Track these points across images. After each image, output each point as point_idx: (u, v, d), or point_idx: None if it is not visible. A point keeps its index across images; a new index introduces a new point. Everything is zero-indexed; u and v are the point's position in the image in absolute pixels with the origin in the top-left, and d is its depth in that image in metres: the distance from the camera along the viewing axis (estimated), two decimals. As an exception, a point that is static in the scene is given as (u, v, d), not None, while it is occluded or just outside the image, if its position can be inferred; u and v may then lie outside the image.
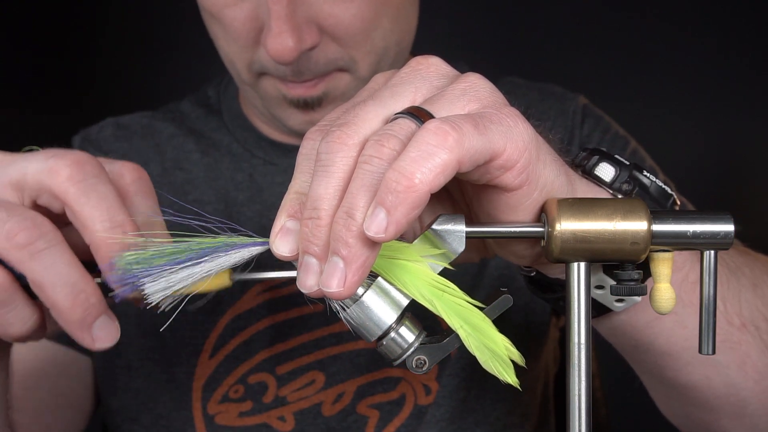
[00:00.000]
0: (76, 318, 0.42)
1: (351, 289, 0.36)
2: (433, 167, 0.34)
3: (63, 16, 1.81)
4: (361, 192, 0.36)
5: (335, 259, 0.36)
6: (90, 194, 0.42)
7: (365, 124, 0.38)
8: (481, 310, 0.41)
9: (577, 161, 0.49)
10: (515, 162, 0.38)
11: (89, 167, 0.43)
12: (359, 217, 0.35)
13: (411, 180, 0.34)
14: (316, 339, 0.76)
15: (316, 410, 0.75)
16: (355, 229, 0.35)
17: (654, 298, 0.43)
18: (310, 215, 0.37)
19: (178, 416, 0.76)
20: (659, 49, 1.74)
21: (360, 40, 0.68)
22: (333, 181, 0.37)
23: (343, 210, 0.36)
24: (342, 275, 0.36)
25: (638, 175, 0.48)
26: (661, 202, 0.49)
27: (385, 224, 0.34)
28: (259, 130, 0.83)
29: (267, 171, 0.81)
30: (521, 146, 0.38)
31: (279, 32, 0.63)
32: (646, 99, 1.72)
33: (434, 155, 0.35)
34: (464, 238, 0.39)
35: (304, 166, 0.40)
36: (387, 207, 0.34)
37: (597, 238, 0.39)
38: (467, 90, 0.39)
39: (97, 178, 0.43)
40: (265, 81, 0.72)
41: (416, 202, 0.34)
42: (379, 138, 0.36)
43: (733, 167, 1.78)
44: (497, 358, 0.40)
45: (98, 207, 0.42)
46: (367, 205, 0.35)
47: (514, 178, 0.39)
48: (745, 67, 1.71)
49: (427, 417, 0.75)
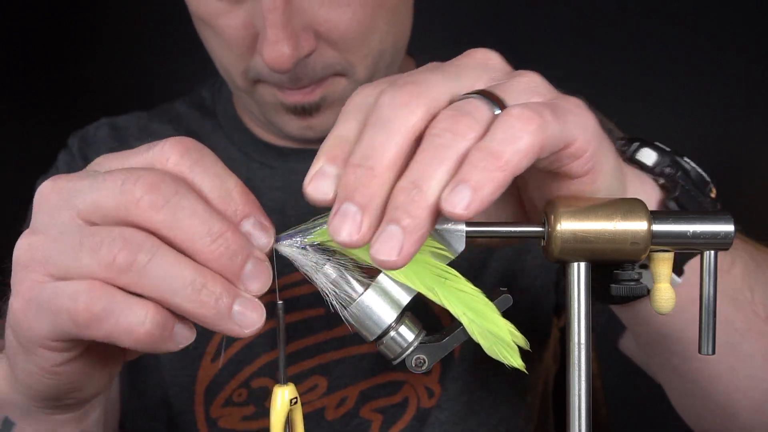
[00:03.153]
0: (210, 313, 0.38)
1: (406, 259, 0.35)
2: (519, 150, 0.35)
3: (57, 19, 1.81)
4: (433, 164, 0.35)
5: (393, 227, 0.35)
6: (178, 215, 0.37)
7: (433, 89, 0.37)
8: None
9: (617, 148, 0.49)
10: (585, 151, 0.39)
11: (165, 186, 0.38)
12: (427, 190, 0.35)
13: (499, 160, 0.34)
14: (318, 343, 0.76)
15: (320, 415, 0.75)
16: (420, 200, 0.34)
17: (654, 298, 0.43)
18: (361, 163, 0.35)
19: (180, 420, 0.76)
20: (659, 49, 1.74)
21: (357, 45, 0.68)
22: (395, 136, 0.36)
23: (409, 179, 0.35)
24: (399, 244, 0.34)
25: (680, 160, 0.48)
26: (701, 188, 0.49)
27: (468, 201, 0.34)
28: (255, 133, 0.83)
29: (264, 175, 0.80)
30: (590, 135, 0.39)
31: (275, 40, 0.62)
32: (646, 98, 1.72)
33: (520, 139, 0.35)
34: (464, 238, 0.39)
35: (354, 115, 0.38)
36: (473, 185, 0.34)
37: (597, 238, 0.39)
38: (529, 84, 0.40)
39: (178, 195, 0.38)
40: (261, 88, 0.71)
41: (502, 183, 0.34)
42: (454, 113, 0.36)
43: (733, 167, 1.78)
44: (501, 343, 0.40)
45: (191, 226, 0.38)
46: (436, 179, 0.35)
47: (582, 166, 0.39)
48: (746, 66, 1.71)
49: (431, 420, 0.75)
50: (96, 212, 0.38)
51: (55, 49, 1.82)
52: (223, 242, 0.38)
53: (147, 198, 0.37)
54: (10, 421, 0.50)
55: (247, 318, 0.39)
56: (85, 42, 1.85)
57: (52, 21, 1.81)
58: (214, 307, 0.38)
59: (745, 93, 1.72)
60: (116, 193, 0.37)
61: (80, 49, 1.85)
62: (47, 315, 0.38)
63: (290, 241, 0.41)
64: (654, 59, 1.74)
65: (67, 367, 0.42)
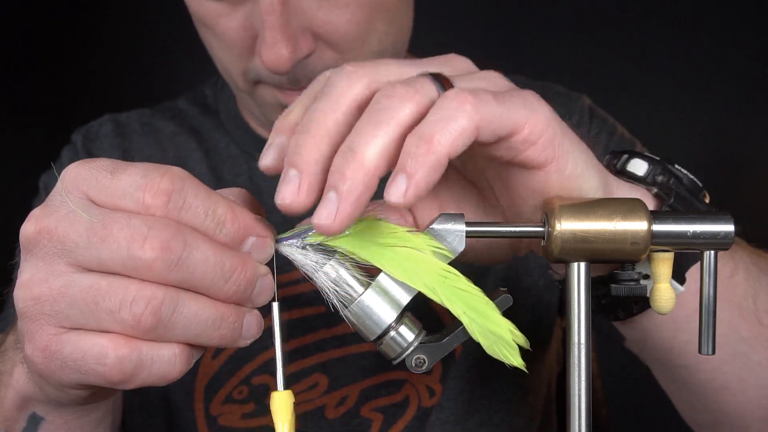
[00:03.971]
0: (226, 342, 0.39)
1: (341, 223, 0.35)
2: (451, 130, 0.35)
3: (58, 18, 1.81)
4: (367, 127, 0.35)
5: (331, 193, 0.35)
6: (192, 270, 0.36)
7: (382, 68, 0.38)
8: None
9: (605, 164, 0.49)
10: (539, 135, 0.38)
11: (173, 242, 0.36)
12: (360, 152, 0.35)
13: (430, 142, 0.34)
14: (318, 341, 0.76)
15: (320, 413, 0.75)
16: (353, 162, 0.35)
17: (654, 298, 0.43)
18: (302, 130, 0.36)
19: (180, 417, 0.76)
20: (660, 48, 1.74)
21: (356, 46, 0.68)
22: (334, 104, 0.36)
23: (346, 144, 0.35)
24: (334, 208, 0.35)
25: (671, 168, 0.48)
26: (695, 194, 0.49)
27: (404, 188, 0.34)
28: (256, 132, 0.83)
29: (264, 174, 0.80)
30: (543, 120, 0.38)
31: (274, 42, 0.62)
32: (647, 98, 1.72)
33: (453, 119, 0.35)
34: (464, 238, 0.39)
35: (308, 92, 0.40)
36: (407, 171, 0.34)
37: (597, 238, 0.39)
38: (486, 76, 0.40)
39: (188, 247, 0.36)
40: (261, 89, 0.71)
41: (435, 165, 0.34)
42: (395, 83, 0.36)
43: (734, 166, 1.78)
44: (502, 342, 0.40)
45: (205, 274, 0.37)
46: (369, 142, 0.35)
47: (540, 153, 0.39)
48: (746, 65, 1.71)
49: (432, 419, 0.75)
50: (101, 268, 0.36)
51: (56, 49, 1.83)
52: (235, 280, 0.38)
53: (160, 261, 0.35)
54: (38, 416, 0.50)
55: (251, 331, 0.41)
56: (85, 41, 1.85)
57: (53, 20, 1.81)
58: (230, 336, 0.39)
59: (747, 92, 1.72)
60: (123, 255, 0.35)
61: (81, 48, 1.85)
62: (73, 372, 0.37)
63: (290, 242, 0.41)
64: (654, 58, 1.74)
65: (81, 393, 0.42)
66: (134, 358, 0.36)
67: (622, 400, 1.02)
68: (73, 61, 1.84)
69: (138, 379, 0.37)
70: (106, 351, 0.36)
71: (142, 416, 0.79)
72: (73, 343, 0.37)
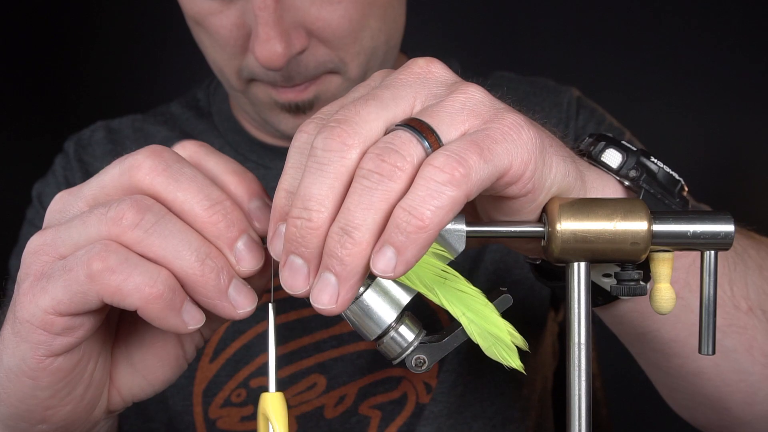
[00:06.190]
0: (211, 284, 0.39)
1: (343, 305, 0.36)
2: (442, 205, 0.34)
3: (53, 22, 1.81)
4: (359, 209, 0.35)
5: (327, 275, 0.35)
6: (179, 179, 0.40)
7: (366, 125, 0.37)
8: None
9: (583, 147, 0.49)
10: (520, 175, 0.38)
11: (167, 154, 0.40)
12: (356, 236, 0.35)
13: (421, 220, 0.34)
14: (316, 342, 0.76)
15: (319, 413, 0.75)
16: (350, 246, 0.35)
17: (654, 298, 0.43)
18: (299, 215, 0.36)
19: (179, 420, 0.76)
20: (657, 45, 1.74)
21: (349, 42, 0.68)
22: (327, 180, 0.36)
23: (339, 225, 0.35)
24: (335, 292, 0.35)
25: (645, 161, 0.48)
26: (669, 189, 0.48)
27: (394, 263, 0.34)
28: (251, 134, 0.83)
29: (260, 175, 0.80)
30: (526, 158, 0.37)
31: (267, 38, 0.63)
32: (645, 96, 1.73)
33: (443, 193, 0.34)
34: (464, 238, 0.39)
35: (296, 161, 0.39)
36: (397, 246, 0.34)
37: (597, 238, 0.39)
38: (466, 103, 0.38)
39: (179, 163, 0.40)
40: (255, 87, 0.72)
41: (426, 242, 0.34)
42: (380, 152, 0.35)
43: (733, 165, 1.79)
44: (500, 344, 0.40)
45: (190, 189, 0.40)
46: (365, 226, 0.35)
47: (520, 189, 0.39)
48: (745, 63, 1.72)
49: (426, 413, 0.75)
50: (101, 191, 0.41)
51: (51, 52, 1.82)
52: (221, 209, 0.39)
53: (146, 165, 0.40)
54: None
55: (241, 298, 0.40)
56: (80, 45, 1.85)
57: (46, 28, 1.81)
58: (215, 280, 0.39)
59: (746, 90, 1.72)
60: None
61: (76, 52, 1.85)
62: (57, 280, 0.38)
63: None
64: (655, 58, 1.74)
65: (54, 364, 0.40)
66: (119, 255, 0.38)
67: (622, 400, 1.02)
68: (68, 66, 1.84)
69: (117, 277, 0.37)
70: (92, 248, 0.38)
71: (139, 422, 0.79)
72: (63, 261, 0.39)
